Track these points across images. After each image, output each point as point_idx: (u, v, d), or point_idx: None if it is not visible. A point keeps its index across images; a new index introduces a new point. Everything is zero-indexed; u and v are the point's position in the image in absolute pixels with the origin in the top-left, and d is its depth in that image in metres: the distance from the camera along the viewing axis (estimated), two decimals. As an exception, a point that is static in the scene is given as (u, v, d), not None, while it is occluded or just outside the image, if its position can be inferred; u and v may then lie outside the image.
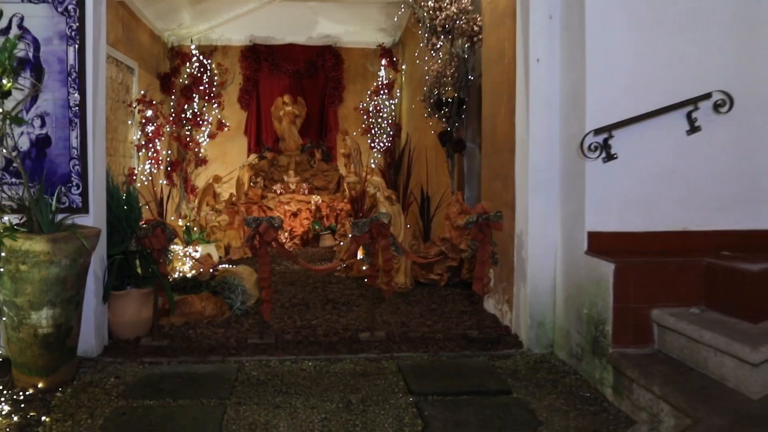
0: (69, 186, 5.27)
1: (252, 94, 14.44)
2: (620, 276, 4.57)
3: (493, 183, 6.74)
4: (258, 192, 12.85)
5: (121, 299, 5.78)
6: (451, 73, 7.90)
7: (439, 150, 9.35)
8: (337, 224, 12.38)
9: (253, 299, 7.06)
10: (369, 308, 6.04)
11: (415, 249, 8.61)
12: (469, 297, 7.56)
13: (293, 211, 12.52)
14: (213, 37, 13.96)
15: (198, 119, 13.22)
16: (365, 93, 14.31)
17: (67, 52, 5.24)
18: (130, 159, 10.60)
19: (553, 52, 5.52)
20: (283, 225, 5.71)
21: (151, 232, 5.49)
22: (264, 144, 14.27)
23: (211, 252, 10.05)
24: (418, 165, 11.21)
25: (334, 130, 14.53)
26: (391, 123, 13.93)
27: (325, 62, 14.45)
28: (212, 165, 13.93)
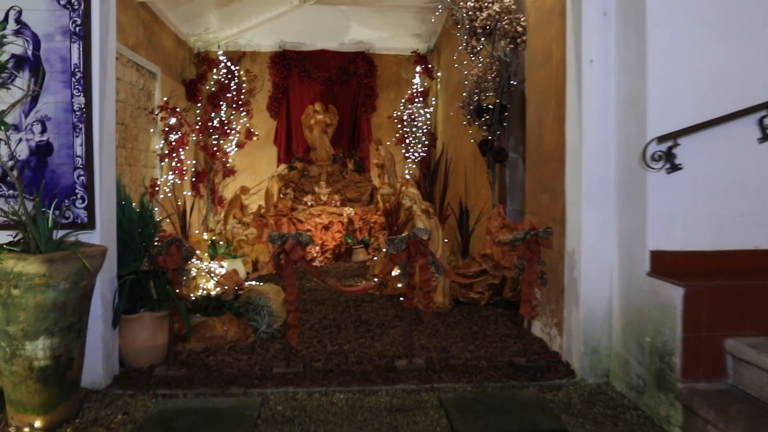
0: (73, 199, 4.80)
1: (282, 101, 14.00)
2: (690, 302, 4.00)
3: (539, 196, 6.15)
4: (288, 204, 12.37)
5: (134, 324, 5.30)
6: (492, 78, 7.34)
7: (478, 160, 8.79)
8: (371, 238, 11.84)
9: (279, 321, 6.54)
10: (406, 332, 5.50)
11: (453, 265, 8.04)
12: (512, 318, 6.98)
13: (324, 224, 12.01)
14: (241, 43, 13.57)
15: (225, 128, 12.80)
16: (399, 101, 13.84)
17: (71, 49, 4.78)
18: (153, 169, 10.18)
19: (608, 52, 4.97)
20: (311, 241, 5.16)
21: (166, 250, 4.99)
22: (294, 154, 13.81)
23: (238, 267, 9.56)
24: (455, 176, 10.64)
25: (366, 139, 14.03)
26: (426, 132, 13.38)
27: (357, 69, 13.98)
28: (240, 175, 13.53)
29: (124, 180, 8.63)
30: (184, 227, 8.99)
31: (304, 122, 13.62)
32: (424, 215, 7.59)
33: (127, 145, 9.00)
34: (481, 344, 5.96)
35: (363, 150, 13.94)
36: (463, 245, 8.59)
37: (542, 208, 6.06)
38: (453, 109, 11.50)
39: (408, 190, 7.73)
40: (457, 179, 10.67)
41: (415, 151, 13.42)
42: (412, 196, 7.66)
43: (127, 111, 8.99)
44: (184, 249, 5.03)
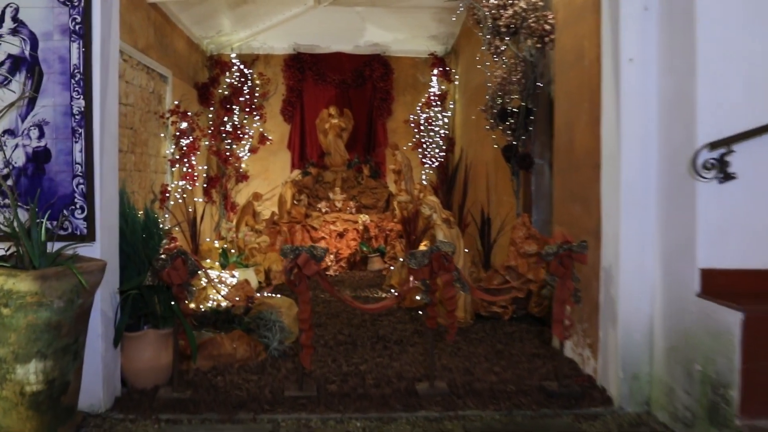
0: (71, 209, 4.46)
1: (296, 105, 13.66)
2: (751, 329, 3.60)
3: (570, 205, 5.76)
4: (301, 210, 12.02)
5: (137, 342, 4.95)
6: (517, 80, 6.95)
7: (501, 166, 8.40)
8: (387, 246, 11.47)
9: (292, 337, 6.18)
10: (427, 353, 5.12)
11: (474, 277, 7.65)
12: (539, 335, 6.59)
13: (339, 231, 11.65)
14: (254, 46, 13.24)
15: (238, 132, 12.50)
16: (416, 105, 13.44)
17: (70, 49, 4.45)
18: (163, 175, 9.85)
19: (649, 49, 4.59)
20: (326, 255, 4.79)
21: (170, 263, 4.64)
22: (308, 159, 13.45)
23: (250, 277, 9.21)
24: (475, 182, 10.26)
25: (382, 144, 13.66)
26: (444, 137, 13.00)
27: (373, 72, 13.63)
28: (253, 181, 13.23)
29: (132, 186, 8.32)
30: (195, 235, 8.66)
31: (319, 126, 13.28)
32: (445, 225, 7.21)
33: (136, 150, 8.67)
34: (507, 365, 5.57)
35: (379, 155, 13.58)
36: (485, 256, 8.20)
37: (573, 218, 5.67)
38: (472, 113, 11.12)
39: (427, 197, 7.36)
40: (477, 186, 10.29)
41: (432, 157, 13.04)
42: (431, 205, 7.28)
43: (136, 115, 8.67)
44: (190, 262, 4.67)
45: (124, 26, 8.17)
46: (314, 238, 11.55)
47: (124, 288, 4.79)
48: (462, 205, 9.97)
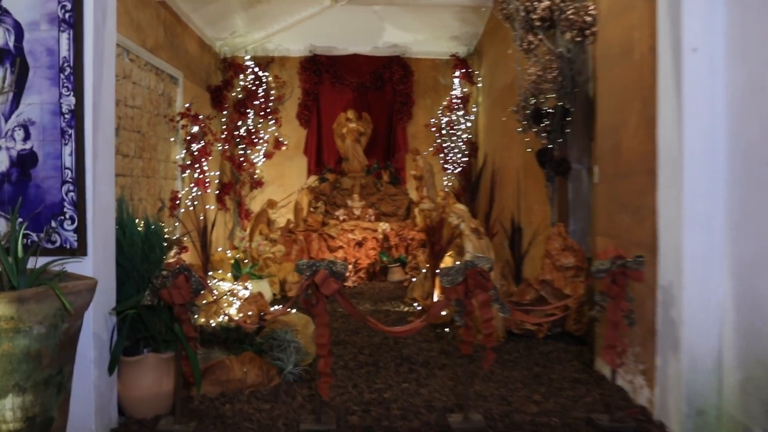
0: (60, 219, 3.95)
1: (312, 109, 13.15)
2: None
3: (618, 215, 5.18)
4: (318, 218, 11.49)
5: (135, 367, 4.43)
6: (553, 77, 6.37)
7: (532, 172, 7.84)
8: (408, 256, 10.91)
9: (309, 358, 5.63)
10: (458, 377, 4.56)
11: (504, 291, 7.07)
12: (578, 356, 6.02)
13: (358, 240, 11.11)
14: (269, 48, 12.74)
15: (253, 137, 12.02)
16: (437, 108, 12.93)
17: (59, 40, 3.95)
18: (173, 181, 9.35)
19: (716, 37, 4.00)
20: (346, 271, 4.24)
21: (171, 281, 4.10)
22: (325, 164, 12.92)
23: (264, 289, 8.68)
24: (501, 189, 9.69)
25: (402, 149, 13.10)
26: (466, 141, 12.44)
27: (392, 74, 13.09)
28: (268, 187, 12.75)
29: (140, 193, 7.84)
30: (205, 245, 8.14)
31: (336, 131, 12.75)
32: (474, 235, 6.66)
33: (144, 155, 8.18)
34: (548, 392, 5.00)
35: (399, 160, 13.02)
36: (516, 268, 7.63)
37: (621, 230, 5.09)
38: (497, 117, 10.57)
39: (455, 205, 6.81)
40: (504, 193, 9.72)
41: (454, 162, 12.49)
42: (459, 213, 6.73)
43: (144, 118, 8.17)
44: (194, 279, 4.14)
45: (131, 24, 7.70)
46: (331, 247, 11.01)
47: (120, 309, 4.26)
48: (488, 214, 9.40)
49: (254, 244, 9.08)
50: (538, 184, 7.53)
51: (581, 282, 6.45)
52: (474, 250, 6.60)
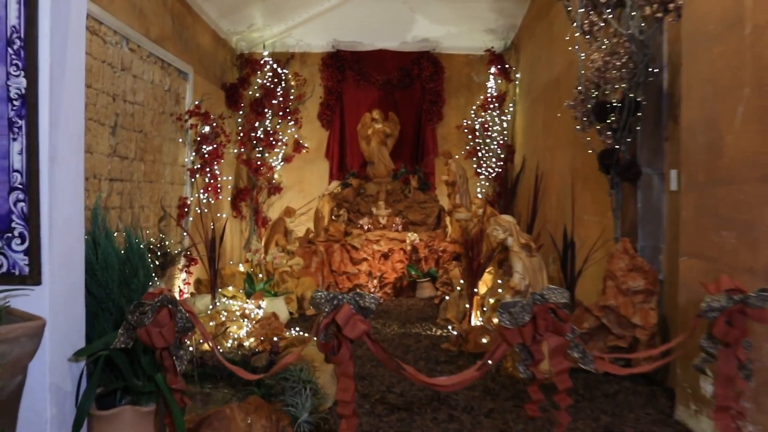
0: (7, 237, 3.03)
1: (335, 109, 12.20)
2: None
3: (714, 232, 4.16)
4: (340, 227, 10.54)
5: (109, 423, 3.49)
6: (622, 64, 5.36)
7: (589, 178, 6.86)
8: (439, 269, 9.92)
9: (328, 401, 4.68)
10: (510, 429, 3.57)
11: (555, 315, 6.05)
12: (651, 399, 5.04)
13: (383, 252, 10.15)
14: (289, 43, 11.86)
15: (271, 139, 11.15)
16: (470, 108, 11.99)
17: (7, 5, 3.02)
18: (182, 186, 8.43)
19: None
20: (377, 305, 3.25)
21: (151, 317, 3.14)
22: (349, 169, 11.96)
23: (279, 308, 7.75)
24: (545, 198, 8.66)
25: (432, 152, 12.12)
26: (502, 144, 11.45)
27: (421, 71, 12.11)
28: (287, 193, 11.93)
29: (142, 199, 6.96)
30: (214, 259, 7.21)
31: (361, 132, 11.79)
32: (524, 252, 5.66)
33: (146, 158, 7.28)
34: (628, 454, 3.99)
35: (428, 164, 12.03)
36: (568, 288, 6.60)
37: (720, 251, 4.08)
38: (539, 116, 9.58)
39: (500, 217, 5.82)
40: (548, 202, 8.71)
41: (488, 167, 11.50)
42: (506, 226, 5.74)
43: (147, 116, 7.28)
44: (180, 316, 3.17)
45: (132, 10, 6.81)
46: (355, 260, 10.05)
47: (84, 353, 3.32)
48: (530, 225, 8.38)
49: (269, 257, 8.14)
50: (597, 191, 6.53)
51: (652, 309, 5.44)
52: (524, 271, 5.61)
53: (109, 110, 6.30)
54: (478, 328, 6.66)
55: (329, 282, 9.84)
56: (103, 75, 6.16)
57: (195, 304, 7.16)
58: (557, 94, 8.64)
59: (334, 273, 9.98)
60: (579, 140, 6.98)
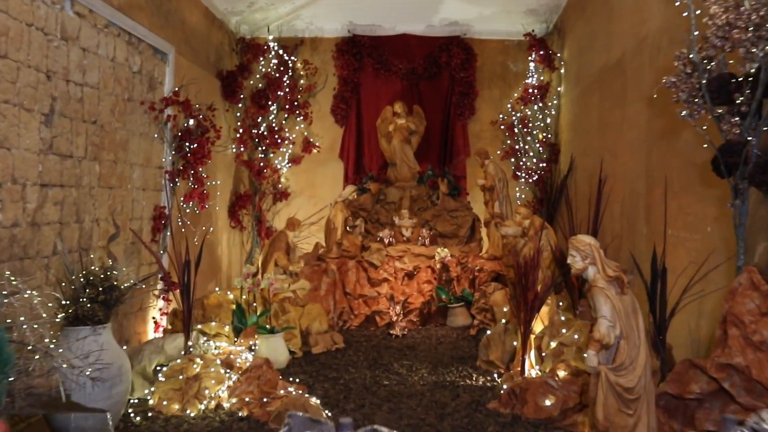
0: None
1: (350, 102, 10.63)
2: None
3: None
4: (356, 241, 8.87)
5: None
6: (761, 19, 3.67)
7: (677, 182, 5.19)
8: (474, 292, 8.24)
9: None
10: None
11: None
12: None
13: (408, 271, 8.48)
14: (298, 26, 10.33)
15: (276, 137, 9.59)
16: (506, 101, 10.37)
17: None
18: (158, 193, 6.82)
19: None
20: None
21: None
22: (366, 171, 10.32)
23: (276, 350, 6.15)
24: (611, 209, 6.96)
25: (463, 151, 10.47)
26: (544, 142, 9.76)
27: (450, 59, 10.49)
28: (295, 200, 10.49)
29: (97, 211, 5.40)
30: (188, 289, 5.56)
31: (380, 129, 10.11)
32: (613, 287, 3.98)
33: (104, 156, 5.69)
34: None
35: (459, 166, 10.37)
36: (657, 332, 4.89)
37: None
38: (593, 107, 7.88)
39: (578, 239, 4.13)
40: (608, 212, 7.00)
41: (528, 169, 9.81)
42: (586, 251, 4.06)
43: (104, 103, 5.69)
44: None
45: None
46: (373, 281, 8.40)
47: None
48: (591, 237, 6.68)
49: (263, 283, 6.46)
50: (689, 200, 4.86)
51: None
52: (613, 316, 3.92)
53: (40, 92, 4.70)
54: (537, 383, 4.98)
55: (342, 308, 8.19)
56: (29, 43, 4.56)
57: (163, 347, 5.53)
58: (619, 80, 7.00)
59: (348, 296, 8.33)
60: (660, 134, 5.33)
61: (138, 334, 6.53)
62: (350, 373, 6.11)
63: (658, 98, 5.07)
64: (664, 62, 5.80)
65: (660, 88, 4.55)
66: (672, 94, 4.29)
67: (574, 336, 5.28)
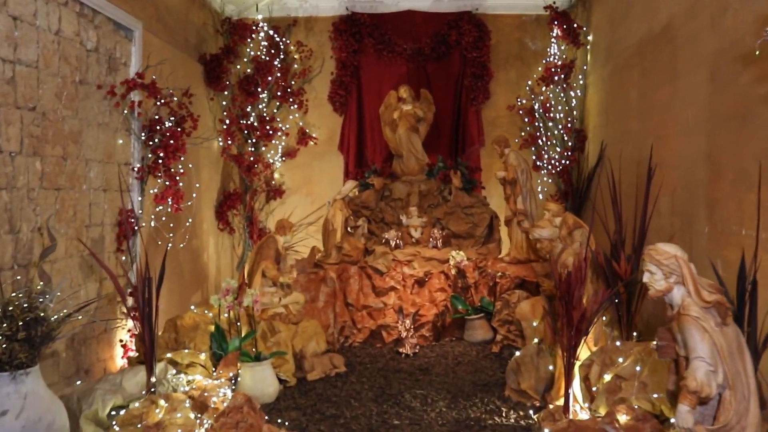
0: None
1: (350, 88, 9.61)
2: None
3: None
4: (358, 244, 7.81)
5: None
6: None
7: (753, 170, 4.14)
8: (495, 300, 7.18)
9: None
10: None
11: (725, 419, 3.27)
12: None
13: (418, 277, 7.42)
14: (291, 5, 9.35)
15: (267, 128, 8.62)
16: (524, 83, 9.30)
17: None
18: (126, 193, 5.75)
19: None
20: None
21: None
22: (369, 164, 9.29)
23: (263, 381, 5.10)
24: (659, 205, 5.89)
25: (477, 140, 9.45)
26: (568, 128, 8.70)
27: (461, 37, 9.44)
28: (291, 198, 9.48)
29: (38, 218, 4.35)
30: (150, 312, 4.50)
31: (384, 117, 9.03)
32: (711, 316, 2.91)
33: (48, 152, 4.65)
34: None
35: (473, 156, 9.31)
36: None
37: None
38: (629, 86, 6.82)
39: (658, 248, 3.07)
40: (661, 209, 5.92)
41: (551, 159, 8.76)
42: (671, 266, 3.01)
43: (47, 86, 4.65)
44: None
45: None
46: (379, 290, 7.33)
47: None
48: (639, 245, 5.60)
49: (247, 300, 5.37)
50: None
51: None
52: (711, 355, 2.86)
53: (-56, 68, 3.64)
54: (590, 430, 3.90)
55: (343, 322, 7.13)
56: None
57: (122, 384, 4.47)
58: (667, 51, 5.96)
59: (350, 308, 7.26)
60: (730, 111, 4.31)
61: (102, 361, 5.48)
62: (352, 408, 5.07)
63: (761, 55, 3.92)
64: (735, 22, 4.73)
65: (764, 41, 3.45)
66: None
67: (635, 367, 4.19)
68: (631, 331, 5.46)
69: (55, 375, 4.75)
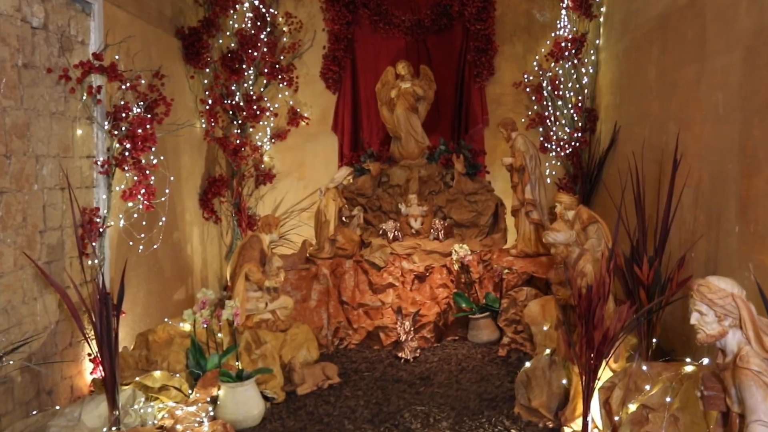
0: None
1: (344, 63, 9.03)
2: None
3: None
4: (354, 235, 7.24)
5: None
6: None
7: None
8: (501, 297, 6.64)
9: None
10: None
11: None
12: None
13: (419, 272, 6.87)
14: (279, -26, 8.67)
15: (254, 107, 8.11)
16: (532, 58, 8.77)
17: None
18: (88, 191, 5.17)
19: None
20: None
21: None
22: (365, 147, 8.76)
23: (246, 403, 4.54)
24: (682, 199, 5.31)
25: (481, 120, 8.88)
26: (578, 108, 8.10)
27: (463, 8, 8.85)
28: (282, 182, 8.96)
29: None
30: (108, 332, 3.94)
31: (381, 95, 8.43)
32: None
33: (-5, 149, 4.04)
34: None
35: (476, 138, 8.78)
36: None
37: None
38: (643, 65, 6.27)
39: (711, 283, 2.49)
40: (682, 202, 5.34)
41: (559, 141, 8.19)
42: (726, 305, 2.43)
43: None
44: None
45: None
46: (376, 286, 6.78)
47: None
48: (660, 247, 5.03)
49: (227, 313, 4.79)
50: None
51: None
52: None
53: None
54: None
55: (338, 322, 6.59)
56: None
57: (80, 418, 3.92)
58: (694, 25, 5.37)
59: (345, 306, 6.72)
60: None
61: (68, 379, 4.93)
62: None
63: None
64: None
65: None
66: None
67: (665, 398, 3.63)
68: (650, 339, 4.91)
69: (9, 403, 4.20)
